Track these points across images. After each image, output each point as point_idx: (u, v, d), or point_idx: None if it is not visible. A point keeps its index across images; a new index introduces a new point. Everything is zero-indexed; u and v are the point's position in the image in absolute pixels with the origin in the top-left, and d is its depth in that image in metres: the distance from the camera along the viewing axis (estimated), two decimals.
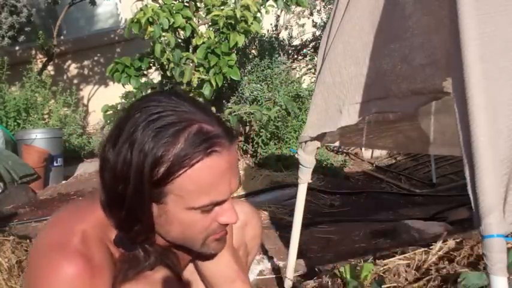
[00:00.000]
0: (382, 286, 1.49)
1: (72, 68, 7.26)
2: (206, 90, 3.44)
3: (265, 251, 2.40)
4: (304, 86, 5.50)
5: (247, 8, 3.36)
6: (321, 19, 6.18)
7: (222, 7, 3.51)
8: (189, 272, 1.07)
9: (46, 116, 5.33)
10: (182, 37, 3.70)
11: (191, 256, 1.03)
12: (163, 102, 0.81)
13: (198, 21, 3.70)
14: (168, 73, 3.56)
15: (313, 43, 6.06)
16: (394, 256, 1.75)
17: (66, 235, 0.84)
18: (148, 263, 0.90)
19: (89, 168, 4.97)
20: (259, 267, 2.20)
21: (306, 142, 1.81)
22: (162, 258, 0.92)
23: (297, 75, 5.80)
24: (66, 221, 0.89)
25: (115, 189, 0.81)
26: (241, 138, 4.75)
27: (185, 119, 0.80)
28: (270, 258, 2.31)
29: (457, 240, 1.74)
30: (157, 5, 3.45)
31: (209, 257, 0.98)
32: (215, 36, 3.53)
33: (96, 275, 0.82)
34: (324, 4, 6.23)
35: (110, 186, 0.82)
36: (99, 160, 0.85)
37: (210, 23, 3.68)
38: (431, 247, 1.73)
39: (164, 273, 0.93)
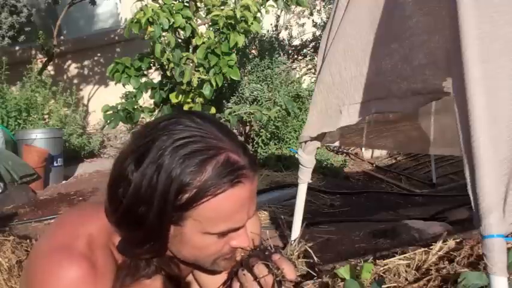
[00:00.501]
0: (382, 286, 1.49)
1: (72, 68, 7.26)
2: (206, 90, 3.44)
3: None
4: (304, 86, 5.51)
5: (247, 8, 3.36)
6: (321, 19, 6.18)
7: (222, 7, 3.51)
8: (189, 281, 1.06)
9: (46, 116, 5.33)
10: (182, 37, 3.70)
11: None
12: (190, 127, 0.81)
13: (198, 22, 3.70)
14: (168, 73, 3.56)
15: (313, 43, 6.07)
16: (394, 256, 1.75)
17: (71, 237, 0.83)
18: (147, 271, 0.89)
19: (89, 168, 4.97)
20: None
21: (306, 142, 1.81)
22: (163, 267, 0.91)
23: (297, 75, 5.80)
24: (71, 224, 0.88)
25: (135, 209, 0.80)
26: (241, 138, 4.75)
27: (213, 147, 0.79)
28: None
29: (457, 240, 1.74)
30: (157, 5, 3.45)
31: (209, 270, 0.98)
32: (215, 36, 3.53)
33: (99, 280, 0.81)
34: (324, 4, 6.23)
35: (128, 206, 0.80)
36: (114, 173, 0.83)
37: (210, 23, 3.68)
38: (431, 247, 1.73)
39: (162, 282, 0.92)
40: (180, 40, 3.71)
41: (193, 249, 0.85)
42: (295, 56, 6.10)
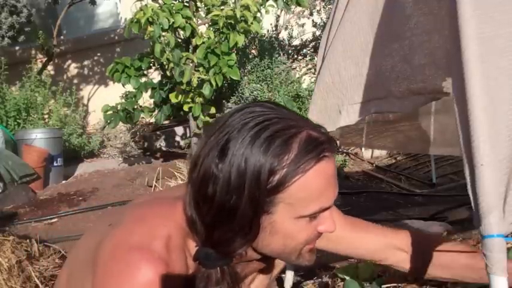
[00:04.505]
0: (382, 286, 1.49)
1: (72, 68, 7.25)
2: (206, 90, 3.45)
3: None
4: (304, 86, 5.50)
5: (247, 8, 3.36)
6: (321, 19, 6.18)
7: (222, 7, 3.51)
8: None
9: (46, 116, 5.32)
10: (182, 37, 3.70)
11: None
12: (264, 112, 0.80)
13: (198, 21, 3.70)
14: (168, 73, 3.56)
15: (313, 43, 6.06)
16: None
17: (150, 237, 0.80)
18: (220, 286, 0.85)
19: (88, 168, 4.96)
20: None
21: None
22: (232, 282, 0.87)
23: (297, 75, 5.80)
24: (150, 222, 0.85)
25: (228, 201, 0.78)
26: None
27: (292, 126, 0.79)
28: None
29: (457, 240, 1.74)
30: (157, 5, 3.45)
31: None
32: (215, 36, 3.53)
33: (173, 284, 0.78)
34: (324, 4, 6.23)
35: (220, 200, 0.78)
36: (198, 177, 0.81)
37: (210, 23, 3.68)
38: None
39: None
40: (180, 40, 3.71)
41: (284, 238, 0.83)
42: (295, 56, 6.09)
